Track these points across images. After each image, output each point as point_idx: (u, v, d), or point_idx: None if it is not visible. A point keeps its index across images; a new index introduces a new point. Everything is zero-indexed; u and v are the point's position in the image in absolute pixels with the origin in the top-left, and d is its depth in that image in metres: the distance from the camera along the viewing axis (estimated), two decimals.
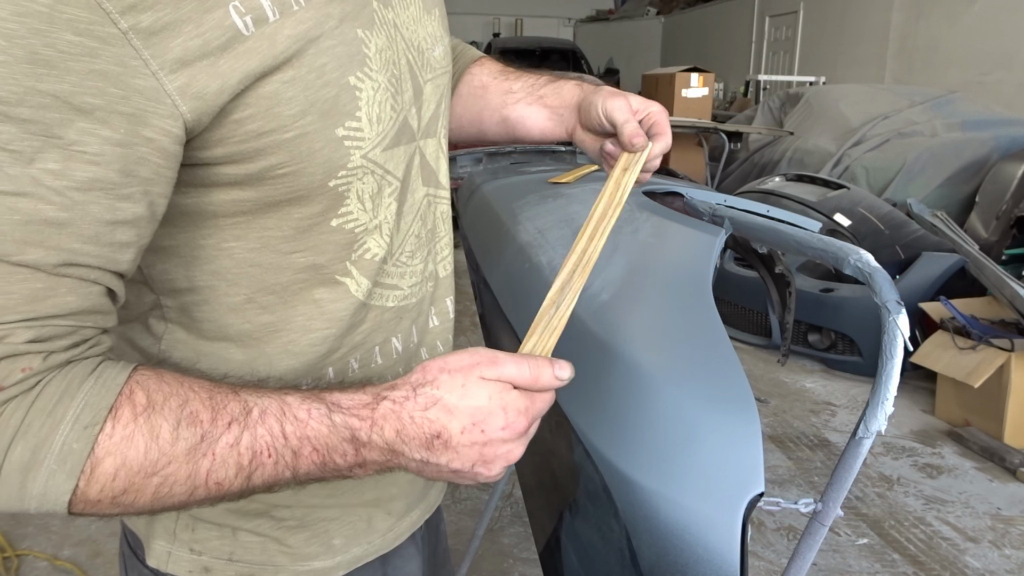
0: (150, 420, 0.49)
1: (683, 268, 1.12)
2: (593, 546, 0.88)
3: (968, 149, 4.83)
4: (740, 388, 0.82)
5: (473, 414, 0.53)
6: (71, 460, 0.46)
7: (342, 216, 0.61)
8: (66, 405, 0.47)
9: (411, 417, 0.53)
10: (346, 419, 0.53)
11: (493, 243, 1.42)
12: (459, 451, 0.54)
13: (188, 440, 0.49)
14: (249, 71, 0.51)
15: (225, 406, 0.51)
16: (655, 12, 16.34)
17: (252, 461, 0.51)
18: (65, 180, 0.46)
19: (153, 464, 0.48)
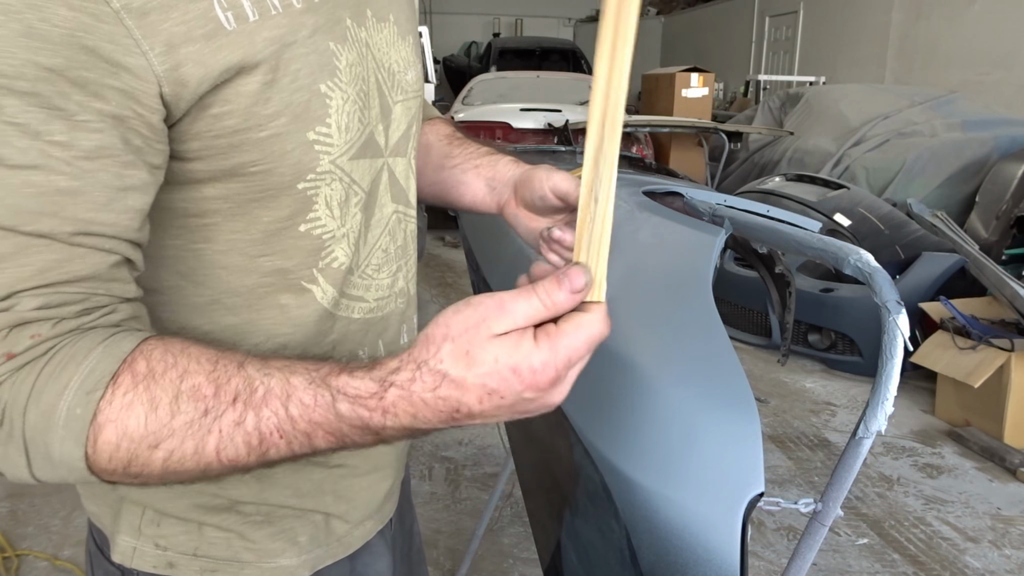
0: (149, 389, 0.48)
1: (683, 268, 1.12)
2: (593, 546, 0.88)
3: (968, 149, 4.83)
4: (740, 388, 0.82)
5: (485, 383, 0.49)
6: (75, 426, 0.47)
7: (310, 222, 0.62)
8: (71, 371, 0.47)
9: (423, 400, 0.49)
10: (354, 409, 0.50)
11: (493, 243, 1.42)
12: (487, 415, 0.51)
13: (188, 414, 0.49)
14: (230, 64, 0.52)
15: (228, 381, 0.50)
16: (655, 12, 16.34)
17: (262, 442, 0.50)
18: (73, 150, 0.47)
19: (154, 435, 0.48)
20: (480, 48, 13.41)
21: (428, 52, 9.61)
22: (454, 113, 6.74)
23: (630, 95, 0.54)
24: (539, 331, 0.50)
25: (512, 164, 0.84)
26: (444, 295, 5.00)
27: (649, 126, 6.17)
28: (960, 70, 7.97)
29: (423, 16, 12.16)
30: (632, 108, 8.95)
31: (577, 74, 8.81)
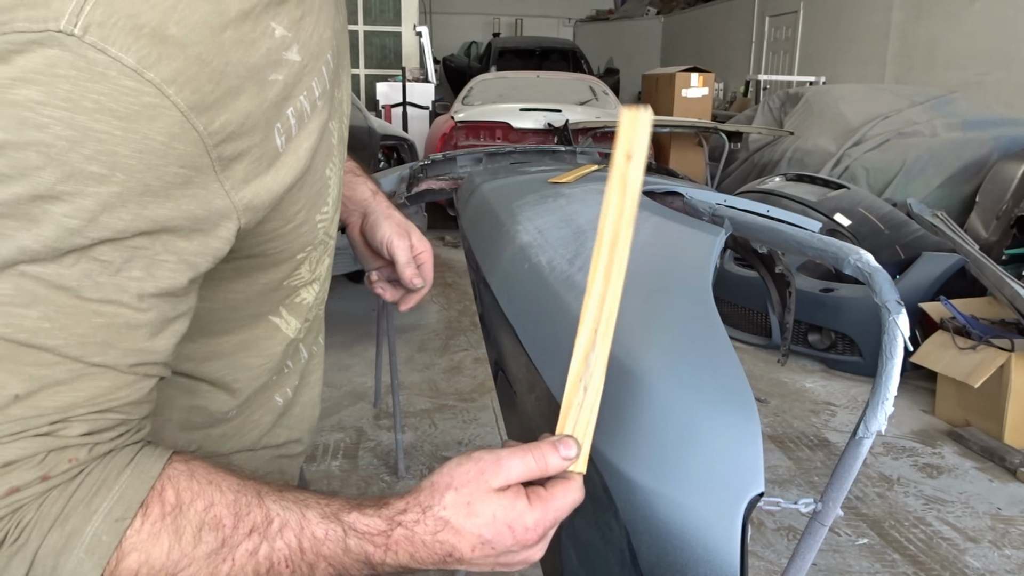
0: (176, 521, 0.51)
1: (683, 268, 1.12)
2: (593, 546, 0.88)
3: (968, 149, 4.83)
4: (740, 388, 0.82)
5: (481, 534, 0.55)
6: (99, 551, 0.49)
7: (294, 278, 0.69)
8: (102, 497, 0.50)
9: (423, 541, 0.55)
10: (361, 544, 0.55)
11: (493, 243, 1.42)
12: (474, 562, 0.57)
13: (209, 544, 0.52)
14: (287, 184, 0.58)
15: (248, 513, 0.53)
16: (655, 12, 16.34)
17: (269, 571, 0.54)
18: (147, 286, 0.50)
19: (174, 564, 0.51)
20: (480, 48, 13.41)
21: (428, 52, 9.63)
22: (454, 113, 6.74)
23: (631, 95, 0.55)
24: (531, 492, 0.56)
25: (369, 193, 0.94)
26: (444, 295, 5.01)
27: None
28: (960, 70, 7.96)
29: (423, 16, 12.15)
30: None
31: (577, 74, 8.81)
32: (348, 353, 3.90)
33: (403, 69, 8.67)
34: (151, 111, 0.47)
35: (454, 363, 3.82)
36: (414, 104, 8.17)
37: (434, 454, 2.89)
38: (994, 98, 6.96)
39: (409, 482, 2.68)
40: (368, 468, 2.77)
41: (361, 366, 3.73)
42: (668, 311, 1.02)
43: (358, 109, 4.73)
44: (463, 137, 6.44)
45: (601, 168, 1.98)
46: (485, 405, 3.34)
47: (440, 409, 3.29)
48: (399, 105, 8.10)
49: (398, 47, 10.60)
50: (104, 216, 0.47)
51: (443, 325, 4.40)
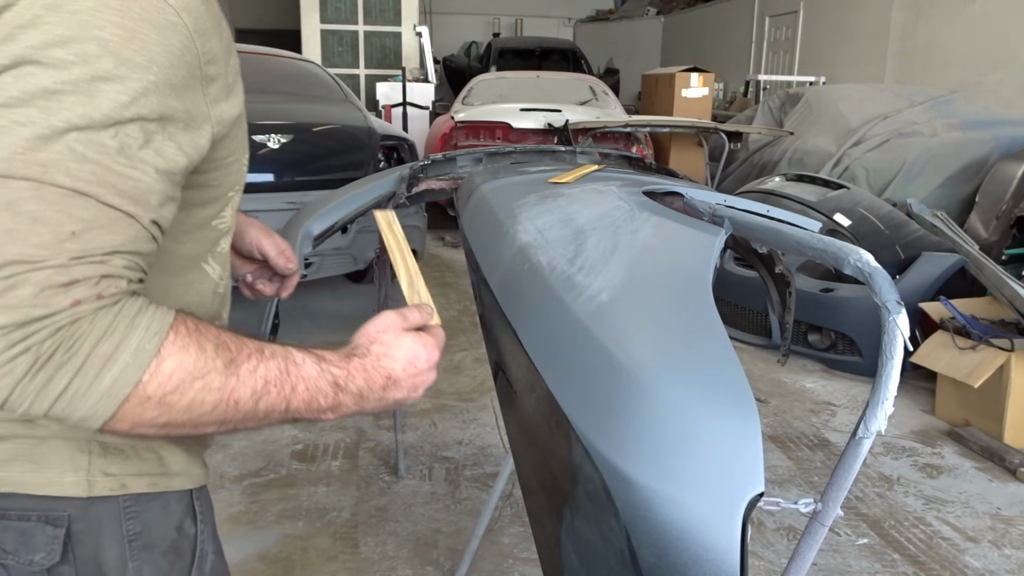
0: (199, 338, 0.65)
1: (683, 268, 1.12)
2: (593, 546, 0.88)
3: (968, 149, 4.83)
4: (740, 387, 0.82)
5: (408, 357, 0.77)
6: (143, 356, 0.62)
7: (220, 218, 0.84)
8: (141, 317, 0.63)
9: (372, 366, 0.75)
10: (330, 368, 0.72)
11: (493, 243, 1.42)
12: (403, 385, 0.77)
13: (223, 358, 0.66)
14: (236, 114, 0.77)
15: (246, 343, 0.69)
16: (655, 12, 16.33)
17: (263, 388, 0.68)
18: (159, 163, 0.66)
19: (199, 370, 0.65)
20: (480, 48, 13.41)
21: (428, 52, 9.63)
22: (454, 113, 6.74)
23: (631, 95, 0.58)
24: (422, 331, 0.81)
25: None
26: (444, 295, 5.01)
27: (649, 126, 6.17)
28: (960, 70, 7.96)
29: (423, 16, 12.15)
30: (632, 108, 8.96)
31: (577, 74, 8.81)
32: None
33: (403, 69, 8.67)
34: (172, 27, 0.66)
35: (454, 363, 3.82)
36: (414, 104, 8.17)
37: (434, 454, 2.89)
38: (994, 98, 6.96)
39: (409, 482, 2.68)
40: (368, 468, 2.77)
41: None
42: (668, 311, 1.02)
43: (358, 109, 4.73)
44: (463, 137, 6.43)
45: (601, 168, 1.98)
46: (485, 405, 3.34)
47: (440, 409, 3.29)
48: (399, 105, 8.10)
49: (398, 47, 10.60)
50: (142, 98, 0.64)
51: (443, 325, 4.39)
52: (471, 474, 2.75)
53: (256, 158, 3.95)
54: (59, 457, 0.76)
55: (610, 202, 1.40)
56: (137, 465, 0.79)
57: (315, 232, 2.18)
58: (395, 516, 2.47)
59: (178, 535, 0.83)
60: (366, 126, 4.42)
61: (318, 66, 5.43)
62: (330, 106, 4.65)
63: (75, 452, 0.76)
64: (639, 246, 1.17)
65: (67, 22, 0.61)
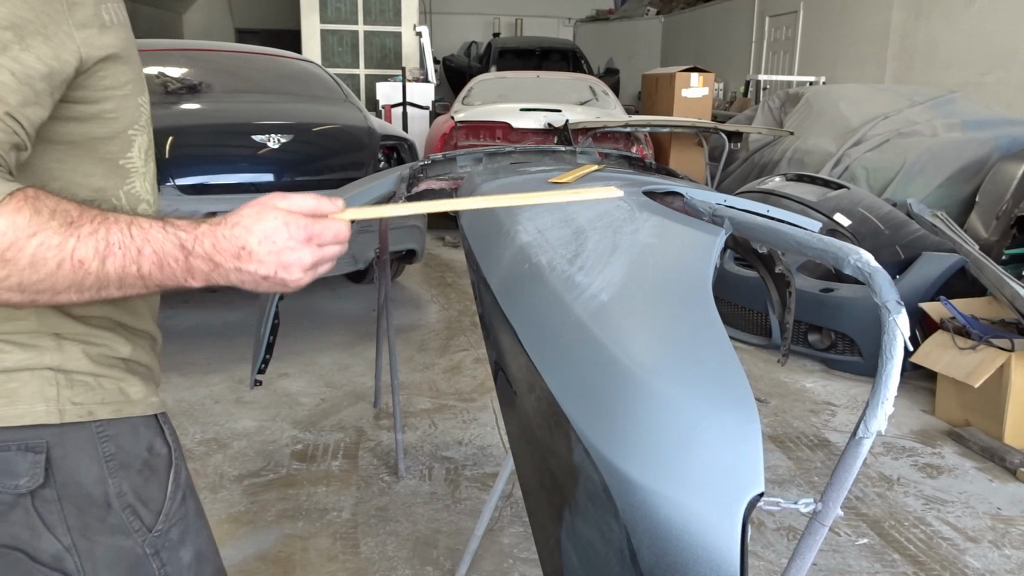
0: (35, 204, 0.70)
1: (683, 268, 1.12)
2: (593, 546, 0.88)
3: (968, 149, 4.83)
4: (740, 388, 0.82)
5: (265, 231, 0.76)
6: None
7: (127, 158, 0.91)
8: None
9: (223, 235, 0.76)
10: (176, 231, 0.76)
11: (493, 243, 1.42)
12: (261, 259, 0.76)
13: (60, 220, 0.71)
14: (114, 49, 0.84)
15: (89, 210, 0.74)
16: (655, 12, 16.32)
17: (106, 248, 0.73)
18: (21, 68, 0.73)
19: (32, 228, 0.70)
20: (480, 48, 13.40)
21: (428, 52, 9.63)
22: (454, 113, 6.74)
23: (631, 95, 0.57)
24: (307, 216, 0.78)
25: None
26: (444, 295, 5.01)
27: (649, 126, 6.17)
28: (960, 70, 7.96)
29: (423, 16, 12.15)
30: (632, 108, 8.95)
31: (577, 74, 8.81)
32: (348, 353, 3.90)
33: (403, 69, 8.67)
34: None
35: (454, 363, 3.82)
36: (414, 104, 8.17)
37: (434, 454, 2.89)
38: (994, 98, 6.96)
39: (409, 482, 2.68)
40: (368, 468, 2.77)
41: (361, 366, 3.73)
42: (668, 311, 1.02)
43: (358, 109, 4.73)
44: (463, 137, 6.43)
45: (601, 168, 1.98)
46: (485, 405, 3.34)
47: (440, 409, 3.29)
48: (399, 105, 8.10)
49: (398, 47, 10.60)
50: None
51: (443, 325, 4.40)
52: (471, 474, 2.75)
53: (256, 158, 3.96)
54: (29, 391, 0.84)
55: (610, 202, 1.40)
56: (100, 394, 0.88)
57: None
58: (395, 516, 2.47)
59: (150, 455, 0.92)
60: (366, 126, 4.42)
61: (318, 66, 5.42)
62: (330, 106, 4.65)
63: (44, 385, 0.84)
64: (639, 246, 1.17)
65: None
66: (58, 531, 0.86)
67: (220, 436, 2.97)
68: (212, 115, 4.15)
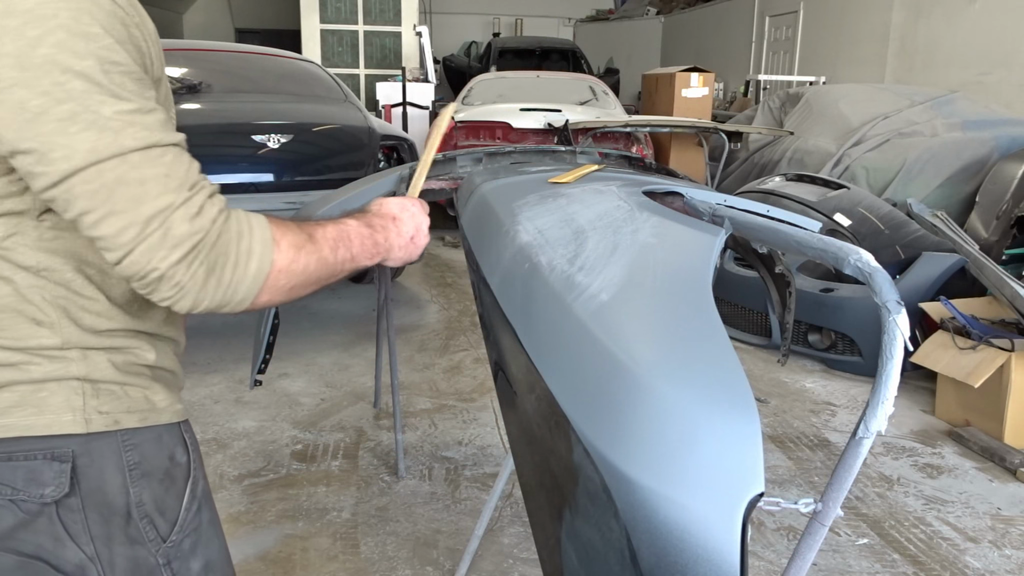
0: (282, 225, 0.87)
1: (683, 268, 1.12)
2: (593, 546, 0.88)
3: (968, 149, 4.83)
4: (740, 388, 0.82)
5: (398, 204, 1.08)
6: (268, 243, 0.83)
7: None
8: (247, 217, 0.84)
9: (380, 212, 1.06)
10: (359, 219, 1.01)
11: (493, 243, 1.42)
12: (403, 222, 1.06)
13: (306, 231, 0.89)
14: (159, 76, 0.89)
15: (304, 221, 0.91)
16: (655, 12, 16.33)
17: (334, 244, 0.93)
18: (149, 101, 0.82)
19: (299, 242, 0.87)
20: (480, 48, 13.40)
21: (428, 52, 9.62)
22: (454, 113, 6.73)
23: (632, 95, 0.58)
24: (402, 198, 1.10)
25: None
26: (444, 295, 5.01)
27: (649, 126, 6.17)
28: (960, 70, 7.96)
29: (423, 16, 12.15)
30: (632, 108, 8.95)
31: (577, 74, 8.81)
32: (348, 353, 3.90)
33: (403, 69, 8.67)
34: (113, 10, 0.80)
35: (454, 363, 3.82)
36: (414, 104, 8.17)
37: (434, 454, 2.89)
38: (994, 98, 6.96)
39: (409, 482, 2.68)
40: (368, 468, 2.77)
41: (361, 366, 3.73)
42: (668, 311, 1.02)
43: (358, 109, 4.73)
44: (463, 137, 6.44)
45: (601, 168, 1.98)
46: (485, 405, 3.34)
47: (440, 409, 3.29)
48: (399, 105, 8.10)
49: (398, 47, 10.60)
50: (107, 54, 0.77)
51: (443, 325, 4.40)
52: (471, 474, 2.75)
53: (256, 158, 3.96)
54: (57, 400, 0.85)
55: (610, 202, 1.40)
56: (127, 403, 0.90)
57: None
58: (395, 516, 2.47)
59: (171, 464, 0.94)
60: (366, 126, 4.42)
61: (318, 66, 5.42)
62: (330, 106, 4.65)
63: (70, 395, 0.86)
64: (639, 246, 1.17)
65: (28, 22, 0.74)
66: (81, 540, 0.87)
67: (220, 436, 2.97)
68: (212, 115, 4.15)
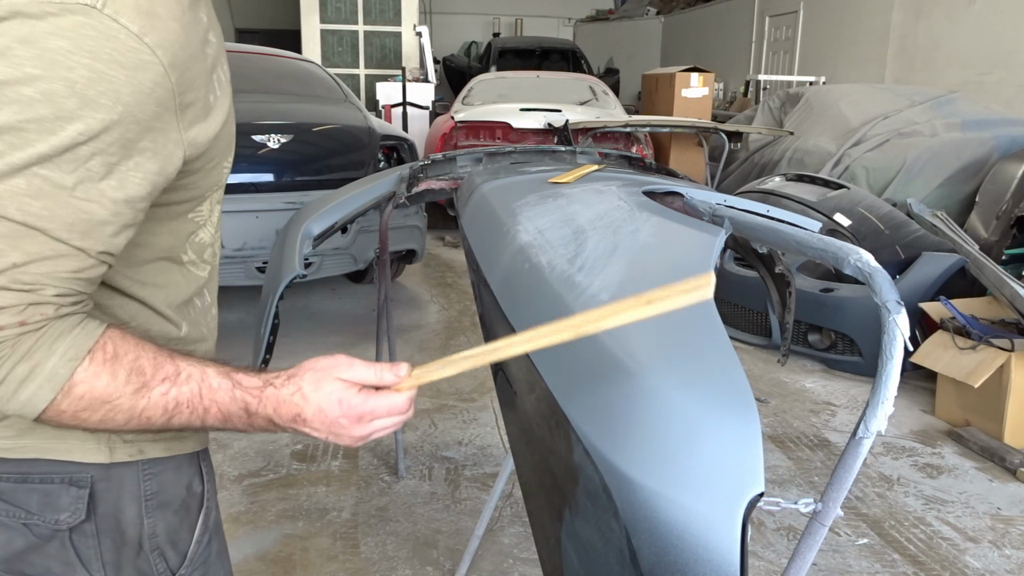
0: (113, 366, 0.71)
1: (683, 268, 1.12)
2: (593, 546, 0.88)
3: (968, 149, 4.83)
4: (740, 388, 0.82)
5: (320, 404, 0.78)
6: (56, 380, 0.69)
7: (196, 212, 0.87)
8: (60, 342, 0.69)
9: (283, 399, 0.78)
10: (244, 395, 0.77)
11: (493, 243, 1.42)
12: (315, 427, 0.79)
13: (134, 384, 0.72)
14: (216, 131, 0.79)
15: (163, 366, 0.74)
16: (655, 12, 16.32)
17: (175, 408, 0.75)
18: (118, 194, 0.69)
19: (109, 395, 0.71)
20: (480, 48, 13.40)
21: (428, 52, 9.62)
22: (454, 113, 6.74)
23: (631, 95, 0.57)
24: (363, 389, 0.80)
25: None
26: (444, 295, 5.00)
27: (649, 126, 6.17)
28: (960, 70, 7.96)
29: (423, 16, 12.14)
30: (632, 108, 8.95)
31: (577, 74, 8.81)
32: (348, 353, 3.89)
33: (403, 69, 8.67)
34: (144, 65, 0.67)
35: None
36: (414, 104, 8.17)
37: (434, 454, 2.89)
38: (994, 98, 6.96)
39: (409, 482, 2.68)
40: (368, 468, 2.77)
41: None
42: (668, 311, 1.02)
43: (358, 109, 4.73)
44: (463, 137, 6.43)
45: (601, 168, 1.98)
46: (485, 405, 3.34)
47: (440, 409, 3.29)
48: (399, 105, 8.10)
49: (398, 47, 10.60)
50: (104, 135, 0.66)
51: (443, 325, 4.40)
52: (471, 474, 2.75)
53: (256, 158, 3.96)
54: None
55: (610, 202, 1.40)
56: (152, 431, 0.83)
57: (315, 232, 2.18)
58: (395, 516, 2.47)
59: (187, 494, 0.90)
60: (366, 126, 4.42)
61: (318, 66, 5.42)
62: (330, 106, 4.65)
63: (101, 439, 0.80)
64: (639, 246, 1.17)
65: (38, 59, 0.63)
66: (93, 567, 0.83)
67: (220, 436, 2.97)
68: None
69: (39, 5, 0.63)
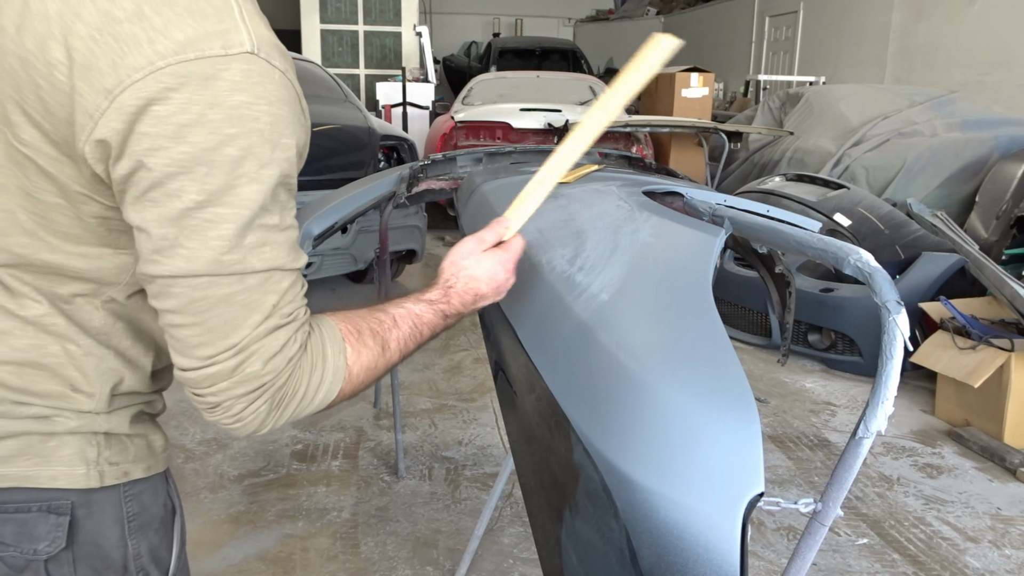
0: (359, 339, 0.84)
1: (683, 268, 1.12)
2: (593, 546, 0.88)
3: (968, 149, 4.83)
4: (740, 388, 0.82)
5: (488, 275, 0.96)
6: (339, 373, 0.81)
7: None
8: (326, 345, 0.80)
9: (463, 290, 0.95)
10: (439, 308, 0.93)
11: None
12: (488, 296, 0.97)
13: (378, 342, 0.86)
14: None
15: (383, 321, 0.87)
16: (655, 12, 16.33)
17: (406, 343, 0.89)
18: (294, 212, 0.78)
19: (371, 363, 0.84)
20: (480, 48, 13.40)
21: (428, 52, 9.62)
22: (454, 113, 6.74)
23: None
24: (498, 247, 0.99)
25: None
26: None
27: (649, 126, 6.17)
28: (960, 70, 7.96)
29: (423, 16, 12.14)
30: (632, 108, 8.95)
31: (577, 74, 8.80)
32: None
33: (403, 69, 8.67)
34: (295, 98, 0.74)
35: (454, 363, 3.82)
36: (414, 104, 8.17)
37: (434, 454, 2.89)
38: (994, 98, 6.96)
39: (409, 482, 2.68)
40: (368, 468, 2.77)
41: None
42: (668, 311, 1.02)
43: (358, 109, 4.73)
44: (463, 137, 6.43)
45: (601, 168, 1.98)
46: (485, 405, 3.34)
47: (440, 409, 3.29)
48: (399, 105, 8.10)
49: (398, 47, 10.60)
50: (288, 168, 0.73)
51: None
52: (471, 474, 2.75)
53: None
54: (69, 451, 0.79)
55: (610, 202, 1.40)
56: (133, 452, 0.86)
57: (315, 232, 2.18)
58: (395, 516, 2.47)
59: (164, 511, 0.91)
60: (366, 126, 4.42)
61: (318, 66, 5.42)
62: (330, 106, 4.65)
63: (84, 445, 0.80)
64: (639, 246, 1.17)
65: (230, 118, 0.67)
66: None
67: (220, 436, 2.97)
68: None
69: (211, 64, 0.67)
